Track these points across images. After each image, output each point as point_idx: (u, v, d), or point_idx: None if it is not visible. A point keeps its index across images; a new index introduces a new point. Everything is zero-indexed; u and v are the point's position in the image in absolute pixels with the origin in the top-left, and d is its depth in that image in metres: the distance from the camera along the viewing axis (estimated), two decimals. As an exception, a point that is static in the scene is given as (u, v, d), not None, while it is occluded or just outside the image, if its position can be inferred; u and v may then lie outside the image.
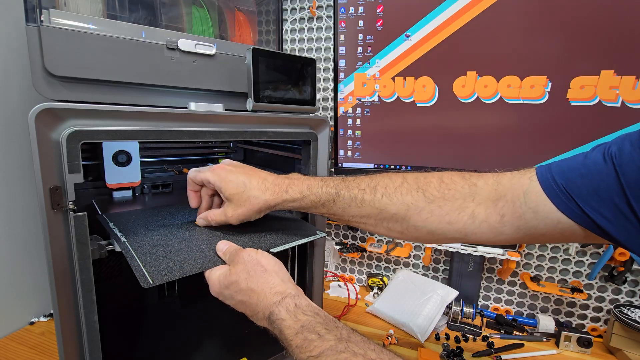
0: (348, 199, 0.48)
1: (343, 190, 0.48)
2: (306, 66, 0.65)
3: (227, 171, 0.49)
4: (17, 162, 0.75)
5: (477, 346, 0.79)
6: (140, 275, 0.41)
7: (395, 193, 0.46)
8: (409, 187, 0.46)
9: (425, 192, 0.45)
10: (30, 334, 0.77)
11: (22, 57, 0.70)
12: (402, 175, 0.47)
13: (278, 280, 0.41)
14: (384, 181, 0.47)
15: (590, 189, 0.36)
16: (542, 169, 0.40)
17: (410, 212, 0.45)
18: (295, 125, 0.63)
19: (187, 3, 0.69)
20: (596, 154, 0.37)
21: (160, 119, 0.48)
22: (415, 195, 0.45)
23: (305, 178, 0.51)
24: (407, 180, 0.46)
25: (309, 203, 0.49)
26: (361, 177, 0.49)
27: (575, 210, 0.36)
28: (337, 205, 0.48)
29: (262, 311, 0.39)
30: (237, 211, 0.49)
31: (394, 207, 0.46)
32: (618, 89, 0.66)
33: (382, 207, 0.46)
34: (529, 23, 0.71)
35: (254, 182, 0.49)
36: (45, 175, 0.39)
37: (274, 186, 0.49)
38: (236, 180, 0.48)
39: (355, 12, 0.84)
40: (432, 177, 0.46)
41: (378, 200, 0.46)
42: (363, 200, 0.47)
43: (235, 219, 0.50)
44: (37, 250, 0.80)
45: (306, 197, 0.48)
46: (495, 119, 0.78)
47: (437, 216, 0.44)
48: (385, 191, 0.46)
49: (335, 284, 1.05)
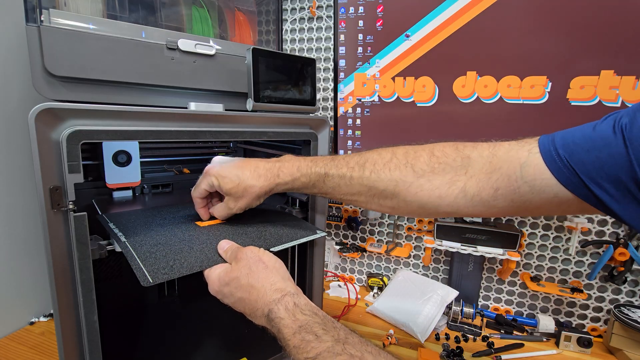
0: (337, 178, 0.48)
1: (332, 169, 0.49)
2: (306, 66, 0.65)
3: (219, 169, 0.51)
4: (17, 162, 0.75)
5: (477, 346, 0.79)
6: (140, 274, 0.41)
7: (384, 169, 0.46)
8: (397, 162, 0.46)
9: (414, 167, 0.44)
10: (30, 334, 0.77)
11: (22, 57, 0.70)
12: (391, 150, 0.47)
13: (278, 277, 0.41)
14: (373, 157, 0.47)
15: (596, 165, 0.33)
16: (545, 140, 0.38)
17: (399, 187, 0.45)
18: (295, 125, 0.63)
19: (187, 3, 0.69)
20: (606, 125, 0.34)
21: (160, 119, 0.48)
22: (404, 171, 0.45)
23: (296, 159, 0.52)
24: (396, 155, 0.46)
25: (300, 185, 0.50)
26: (351, 155, 0.50)
27: (578, 185, 0.35)
28: (327, 185, 0.49)
29: (261, 308, 0.39)
30: (237, 203, 0.51)
31: (382, 183, 0.46)
32: (618, 89, 0.66)
33: (370, 184, 0.46)
34: (529, 23, 0.71)
35: (247, 173, 0.50)
36: (45, 175, 0.39)
37: (266, 172, 0.50)
38: (230, 174, 0.50)
39: (355, 12, 0.84)
40: (423, 150, 0.45)
41: (367, 177, 0.46)
42: (352, 178, 0.47)
43: (238, 209, 0.52)
44: (37, 250, 0.80)
45: (297, 179, 0.50)
46: (495, 119, 0.78)
47: (426, 190, 0.43)
48: (374, 167, 0.46)
49: (335, 284, 1.05)
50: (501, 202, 0.40)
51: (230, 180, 0.50)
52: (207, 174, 0.52)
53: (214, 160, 0.54)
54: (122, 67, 0.53)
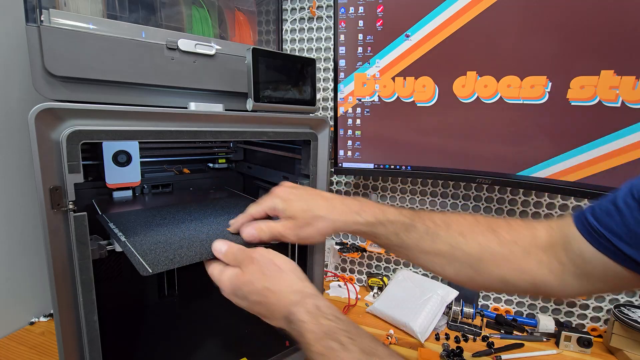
0: (423, 232, 0.44)
1: (418, 221, 0.45)
2: (306, 66, 0.65)
3: (288, 193, 0.47)
4: (17, 162, 0.75)
5: (477, 346, 0.79)
6: (139, 266, 0.41)
7: (470, 232, 0.43)
8: (481, 227, 0.43)
9: (498, 234, 0.42)
10: (30, 334, 0.77)
11: (22, 57, 0.70)
12: (473, 216, 0.46)
13: (295, 278, 0.40)
14: (457, 218, 0.45)
15: (620, 225, 0.34)
16: (577, 211, 0.40)
17: (483, 254, 0.42)
18: (295, 125, 0.63)
19: (187, 3, 0.69)
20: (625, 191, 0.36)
21: (160, 119, 0.48)
22: (489, 236, 0.42)
23: (377, 203, 0.48)
24: (479, 220, 0.44)
25: (382, 230, 0.45)
26: (433, 212, 0.47)
27: (610, 248, 0.35)
28: (410, 237, 0.45)
29: (279, 311, 0.38)
30: (297, 231, 0.45)
31: (468, 246, 0.43)
32: (618, 89, 0.66)
33: (456, 244, 0.43)
34: (529, 23, 0.71)
35: (320, 202, 0.46)
36: (45, 175, 0.39)
37: (342, 206, 0.46)
38: (299, 200, 0.46)
39: (355, 12, 0.84)
40: (500, 220, 0.44)
41: (453, 237, 0.43)
42: (437, 235, 0.44)
43: (295, 235, 0.45)
44: (37, 250, 0.80)
45: (381, 223, 0.45)
46: (495, 119, 0.78)
47: (509, 262, 0.41)
48: (460, 229, 0.44)
49: (335, 284, 1.05)
50: (570, 277, 0.39)
51: (299, 205, 0.45)
52: (274, 195, 0.48)
53: (284, 184, 0.50)
54: (122, 67, 0.53)
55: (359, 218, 0.45)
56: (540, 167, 0.76)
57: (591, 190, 0.72)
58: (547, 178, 0.76)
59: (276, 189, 0.48)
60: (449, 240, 0.44)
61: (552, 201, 0.88)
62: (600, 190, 0.71)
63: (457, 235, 0.43)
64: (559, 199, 0.88)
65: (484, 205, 0.96)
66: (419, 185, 1.03)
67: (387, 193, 1.06)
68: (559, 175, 0.74)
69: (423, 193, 1.03)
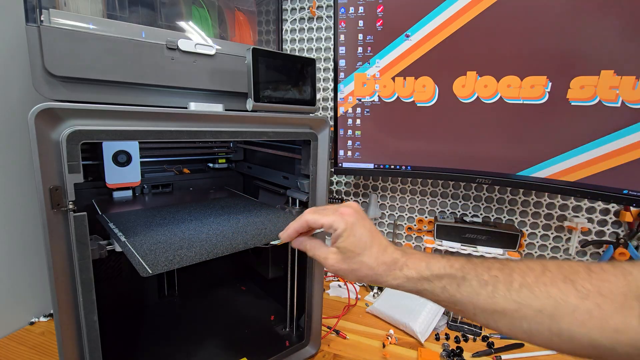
0: (477, 286, 0.38)
1: (470, 273, 0.39)
2: (306, 66, 0.65)
3: (355, 222, 0.43)
4: (17, 162, 0.75)
5: (477, 346, 0.79)
6: (139, 267, 0.41)
7: (538, 283, 0.36)
8: (552, 276, 0.36)
9: (575, 284, 0.34)
10: (30, 334, 0.77)
11: (22, 57, 0.70)
12: (540, 262, 0.39)
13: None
14: (520, 267, 0.38)
15: None
16: None
17: (560, 310, 0.34)
18: (295, 125, 0.63)
19: (187, 3, 0.69)
20: None
21: (160, 119, 0.48)
22: (563, 287, 0.35)
23: (422, 254, 0.43)
24: (548, 267, 0.37)
25: (427, 286, 0.41)
26: (490, 260, 0.41)
27: None
28: (462, 292, 0.39)
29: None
30: (339, 265, 0.43)
31: (537, 301, 0.35)
32: (618, 89, 0.66)
33: (521, 300, 0.36)
34: (529, 23, 0.71)
35: (374, 249, 0.43)
36: (45, 175, 0.39)
37: (391, 260, 0.42)
38: (359, 237, 0.43)
39: (355, 12, 0.84)
40: (577, 265, 0.36)
41: (516, 290, 0.36)
42: (496, 290, 0.37)
43: (333, 269, 0.44)
44: (37, 250, 0.80)
45: (426, 278, 0.41)
46: (495, 119, 0.78)
47: (597, 319, 0.32)
48: (524, 280, 0.37)
49: (335, 283, 1.05)
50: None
51: (354, 243, 0.42)
52: (342, 217, 0.43)
53: (354, 207, 0.46)
54: (122, 67, 0.53)
55: (399, 273, 0.42)
56: (540, 167, 0.76)
57: (591, 190, 0.72)
58: (547, 178, 0.76)
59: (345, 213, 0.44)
60: (512, 296, 0.37)
61: (552, 201, 0.88)
62: (600, 190, 0.71)
63: (520, 288, 0.36)
64: (559, 199, 0.88)
65: (484, 206, 0.96)
66: (419, 185, 1.03)
67: (387, 193, 1.06)
68: (559, 175, 0.74)
69: (423, 193, 1.03)
